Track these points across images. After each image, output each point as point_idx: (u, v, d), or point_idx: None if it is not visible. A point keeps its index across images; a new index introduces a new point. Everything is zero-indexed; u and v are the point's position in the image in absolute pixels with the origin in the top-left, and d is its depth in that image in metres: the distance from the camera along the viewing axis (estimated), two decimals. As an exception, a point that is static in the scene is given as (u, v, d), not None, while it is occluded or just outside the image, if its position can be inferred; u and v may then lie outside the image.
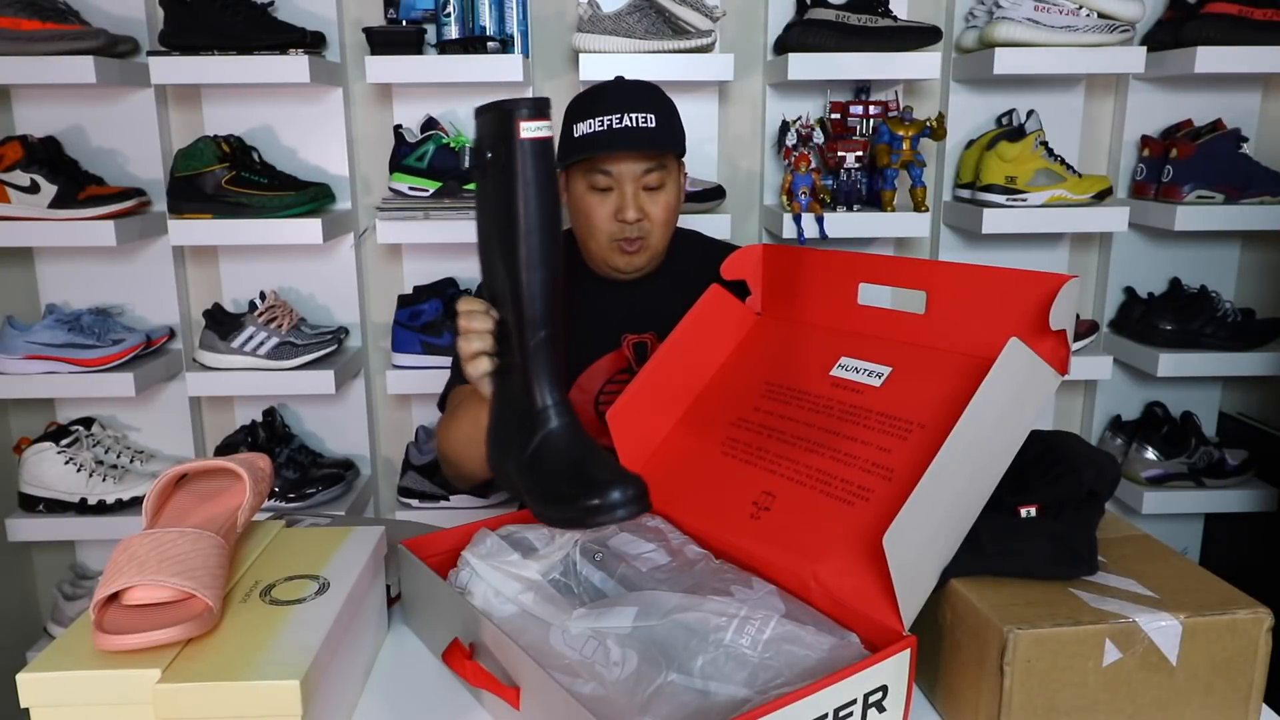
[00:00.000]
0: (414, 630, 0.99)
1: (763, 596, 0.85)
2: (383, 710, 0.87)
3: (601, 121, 1.22)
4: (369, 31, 1.78)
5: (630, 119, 1.22)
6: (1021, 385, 0.83)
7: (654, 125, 1.23)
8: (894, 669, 0.76)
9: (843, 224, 1.82)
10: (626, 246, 1.27)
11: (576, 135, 1.24)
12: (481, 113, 0.88)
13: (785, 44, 1.82)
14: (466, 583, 0.93)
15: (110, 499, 1.84)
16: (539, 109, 0.85)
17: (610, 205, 1.25)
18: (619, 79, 1.33)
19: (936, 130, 1.82)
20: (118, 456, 1.89)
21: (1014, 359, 0.82)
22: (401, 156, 1.82)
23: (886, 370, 0.97)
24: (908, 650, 0.77)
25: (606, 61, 1.73)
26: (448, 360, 1.55)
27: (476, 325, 0.92)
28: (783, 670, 0.75)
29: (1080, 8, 1.76)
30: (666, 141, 1.25)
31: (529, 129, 0.84)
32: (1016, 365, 0.82)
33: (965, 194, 1.92)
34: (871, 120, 1.91)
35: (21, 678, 0.70)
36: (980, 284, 0.93)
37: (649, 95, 1.27)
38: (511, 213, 0.85)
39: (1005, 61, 1.76)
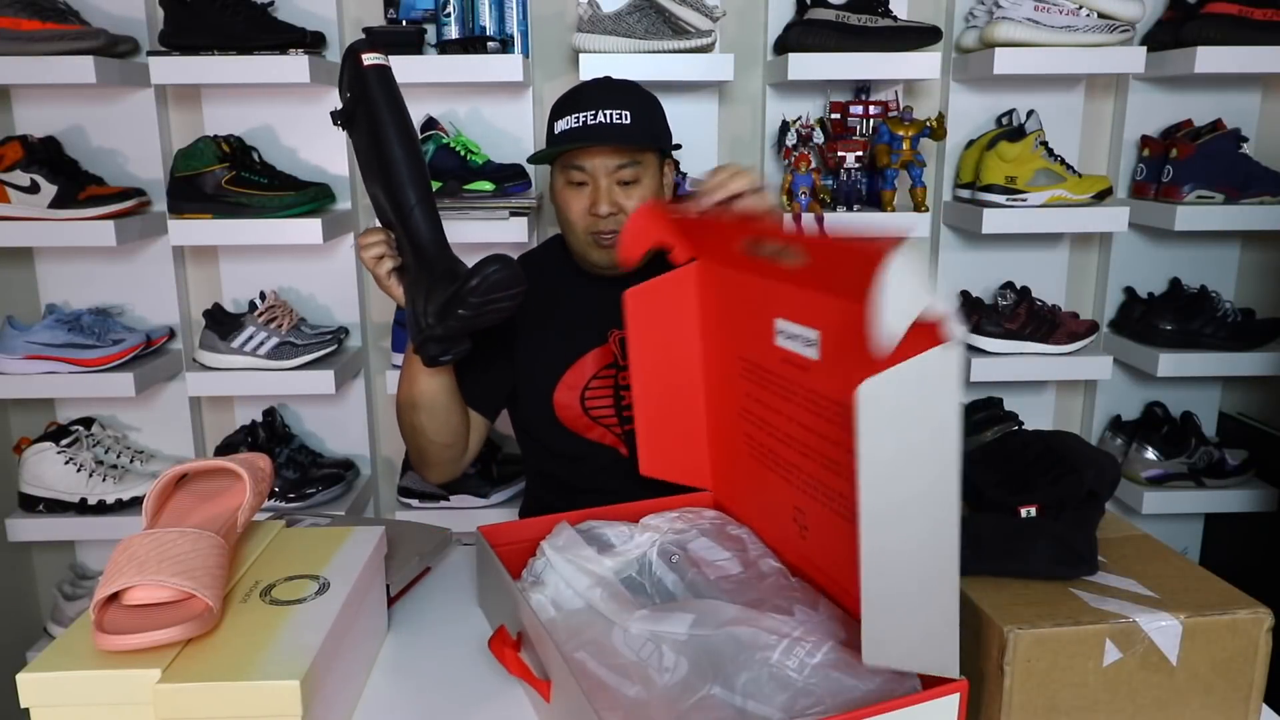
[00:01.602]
0: (483, 611, 1.06)
1: (824, 620, 0.82)
2: (383, 710, 0.87)
3: (577, 118, 1.25)
4: (369, 31, 1.78)
5: (604, 115, 1.25)
6: (905, 409, 0.67)
7: (628, 122, 1.25)
8: (938, 711, 0.71)
9: (843, 225, 1.82)
10: (602, 240, 1.30)
11: (556, 133, 1.28)
12: (341, 78, 1.12)
13: (785, 44, 1.82)
14: (541, 572, 0.94)
15: (110, 499, 1.84)
16: (372, 43, 1.10)
17: (585, 200, 1.28)
18: (603, 78, 1.36)
19: (936, 130, 1.82)
20: (118, 456, 1.89)
21: (873, 406, 0.66)
22: (401, 156, 1.83)
23: (815, 335, 0.89)
24: (957, 695, 0.72)
25: (606, 61, 1.73)
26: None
27: (374, 239, 1.14)
28: (824, 698, 0.73)
29: (1080, 8, 1.76)
30: (639, 137, 1.27)
31: (369, 59, 1.08)
32: (882, 405, 0.66)
33: (965, 194, 1.91)
34: (871, 120, 1.91)
35: (21, 678, 0.70)
36: (838, 258, 0.79)
37: (627, 93, 1.29)
38: (375, 123, 1.08)
39: (1005, 61, 1.76)
